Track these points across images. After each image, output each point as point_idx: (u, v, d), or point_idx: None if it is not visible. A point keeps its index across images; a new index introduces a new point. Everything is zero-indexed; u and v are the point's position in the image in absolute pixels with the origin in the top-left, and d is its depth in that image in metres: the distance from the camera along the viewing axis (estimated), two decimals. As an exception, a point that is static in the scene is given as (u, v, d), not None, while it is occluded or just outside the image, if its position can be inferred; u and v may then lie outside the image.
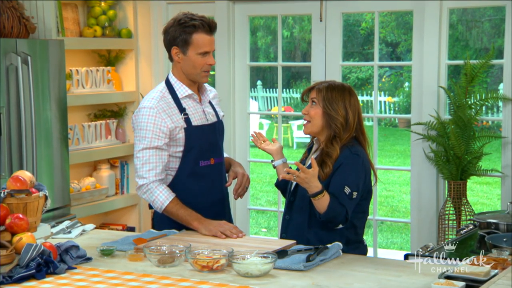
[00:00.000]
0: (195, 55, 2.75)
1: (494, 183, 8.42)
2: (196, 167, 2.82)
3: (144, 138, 2.74)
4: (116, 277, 2.21)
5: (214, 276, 2.21)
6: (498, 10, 7.08)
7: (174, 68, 2.84)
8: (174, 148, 2.79)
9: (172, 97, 2.80)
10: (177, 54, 2.78)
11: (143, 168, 2.75)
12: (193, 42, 2.75)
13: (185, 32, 2.74)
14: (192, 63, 2.77)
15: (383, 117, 13.79)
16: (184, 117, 2.78)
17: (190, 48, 2.75)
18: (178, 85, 2.81)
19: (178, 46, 2.76)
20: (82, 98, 4.52)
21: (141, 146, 2.75)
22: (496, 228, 2.82)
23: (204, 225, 2.70)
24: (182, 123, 2.77)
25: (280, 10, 4.59)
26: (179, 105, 2.79)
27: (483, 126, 8.50)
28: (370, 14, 11.39)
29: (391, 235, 6.92)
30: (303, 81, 13.54)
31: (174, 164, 2.82)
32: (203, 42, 2.75)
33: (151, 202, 2.78)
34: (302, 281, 2.17)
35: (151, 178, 2.75)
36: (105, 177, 4.77)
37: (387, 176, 9.44)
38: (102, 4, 4.76)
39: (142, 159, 2.75)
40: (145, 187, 2.76)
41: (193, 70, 2.78)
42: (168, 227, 2.81)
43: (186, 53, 2.76)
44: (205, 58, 2.77)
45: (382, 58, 11.91)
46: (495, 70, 8.70)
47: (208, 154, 2.84)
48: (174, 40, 2.77)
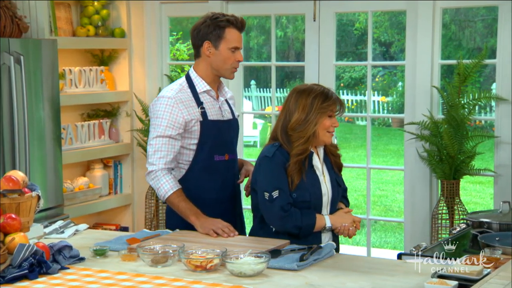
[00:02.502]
0: (226, 49, 2.82)
1: (487, 183, 8.44)
2: (210, 161, 2.85)
3: (159, 126, 2.80)
4: (109, 277, 2.20)
5: (207, 275, 2.21)
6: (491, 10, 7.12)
7: (198, 64, 2.89)
8: (189, 140, 2.83)
9: (191, 91, 2.85)
10: (209, 48, 2.83)
11: (155, 156, 2.80)
12: (225, 37, 2.81)
13: (219, 27, 2.81)
14: (223, 58, 2.83)
15: (377, 117, 13.81)
16: (201, 110, 2.83)
17: (223, 43, 2.81)
18: (198, 80, 2.87)
19: (210, 40, 2.82)
20: (75, 98, 4.51)
21: (155, 133, 2.81)
22: (488, 227, 2.82)
23: (200, 222, 2.72)
24: (199, 116, 2.82)
25: (274, 10, 4.59)
26: (197, 99, 2.85)
27: (476, 126, 8.53)
28: (364, 14, 11.41)
29: (384, 235, 6.93)
30: (297, 81, 13.55)
31: (188, 157, 2.85)
32: (234, 37, 2.83)
33: (156, 189, 2.82)
34: (295, 281, 2.17)
35: (160, 166, 2.79)
36: (99, 177, 4.76)
37: (381, 175, 9.46)
38: (95, 4, 4.75)
39: (154, 147, 2.80)
40: (153, 174, 2.80)
41: (223, 65, 2.84)
42: (179, 225, 2.81)
43: (218, 47, 2.82)
44: (235, 54, 2.84)
45: (375, 58, 11.93)
46: (488, 70, 8.73)
47: (222, 150, 2.88)
48: (207, 35, 2.82)
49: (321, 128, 2.64)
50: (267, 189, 2.62)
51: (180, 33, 7.65)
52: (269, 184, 2.62)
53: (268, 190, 2.62)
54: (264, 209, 2.65)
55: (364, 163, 4.54)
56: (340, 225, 2.68)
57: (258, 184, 2.67)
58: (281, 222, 2.62)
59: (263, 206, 2.65)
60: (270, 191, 2.61)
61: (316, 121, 2.63)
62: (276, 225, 2.65)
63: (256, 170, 2.71)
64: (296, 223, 2.61)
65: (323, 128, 2.65)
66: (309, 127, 2.62)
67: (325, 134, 2.66)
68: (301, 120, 2.63)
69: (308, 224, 2.62)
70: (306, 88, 2.69)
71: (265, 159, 2.66)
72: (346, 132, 12.15)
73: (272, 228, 2.67)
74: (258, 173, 2.69)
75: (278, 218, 2.62)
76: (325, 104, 2.64)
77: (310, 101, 2.63)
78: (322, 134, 2.65)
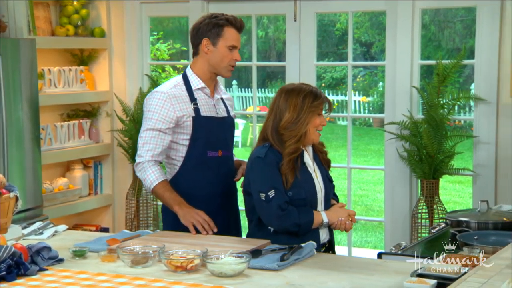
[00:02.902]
0: (224, 47, 2.87)
1: (466, 182, 8.52)
2: (203, 156, 2.88)
3: (150, 120, 2.85)
4: (88, 278, 2.19)
5: (188, 276, 2.20)
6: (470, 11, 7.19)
7: (196, 62, 2.94)
8: (182, 136, 2.87)
9: (186, 88, 2.90)
10: (207, 45, 2.89)
11: (143, 148, 2.84)
12: (224, 35, 2.87)
13: (218, 25, 2.87)
14: (220, 56, 2.88)
15: (358, 117, 13.89)
16: (194, 106, 2.88)
17: (221, 40, 2.87)
18: (193, 78, 2.92)
19: (209, 38, 2.88)
20: (54, 98, 4.48)
21: (145, 127, 2.86)
22: (467, 226, 2.85)
23: (182, 212, 2.75)
24: (191, 111, 2.87)
25: (254, 10, 4.60)
26: (191, 95, 2.89)
27: (455, 126, 8.61)
28: (344, 15, 11.46)
29: (365, 234, 6.97)
30: (278, 81, 13.57)
31: (181, 152, 2.89)
32: (233, 36, 2.89)
33: (143, 180, 2.86)
34: (276, 281, 2.18)
35: (148, 157, 2.83)
36: (78, 178, 4.74)
37: (362, 175, 9.51)
38: (75, 3, 4.71)
39: (144, 139, 2.85)
40: (141, 165, 2.84)
41: (221, 62, 2.89)
42: (175, 227, 2.83)
43: (216, 44, 2.87)
44: (233, 53, 2.89)
45: (356, 58, 11.99)
46: (466, 70, 8.82)
47: (216, 146, 2.91)
48: (206, 33, 2.88)
49: (311, 126, 2.68)
50: (262, 190, 2.62)
51: (160, 33, 7.63)
52: (264, 184, 2.63)
53: (263, 190, 2.62)
54: (261, 210, 2.65)
55: (345, 163, 4.56)
56: (337, 220, 2.71)
57: (252, 185, 2.67)
58: (280, 221, 2.62)
59: (259, 207, 2.65)
60: (266, 191, 2.62)
61: (308, 120, 2.66)
62: (275, 225, 2.65)
63: (249, 172, 2.71)
64: (295, 221, 2.62)
65: (314, 127, 2.69)
66: (301, 126, 2.65)
67: (314, 132, 2.70)
68: (293, 119, 2.65)
69: (306, 221, 2.64)
70: (295, 87, 2.72)
71: (257, 160, 2.67)
72: (327, 132, 12.19)
73: (270, 229, 2.67)
74: (251, 174, 2.69)
75: (276, 218, 2.62)
76: (315, 103, 2.67)
77: (300, 100, 2.66)
78: (312, 132, 2.69)
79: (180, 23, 8.58)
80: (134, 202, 4.76)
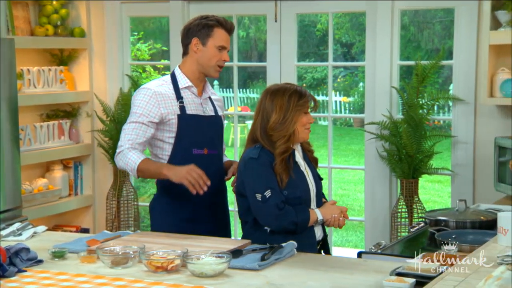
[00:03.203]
0: (214, 47, 2.91)
1: (445, 181, 8.60)
2: (188, 154, 2.90)
3: (134, 114, 2.87)
4: (68, 279, 2.18)
5: (168, 276, 2.20)
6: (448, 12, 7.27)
7: (185, 61, 2.97)
8: (167, 134, 2.89)
9: (173, 86, 2.93)
10: (197, 45, 2.92)
11: (124, 138, 2.85)
12: (214, 35, 2.91)
13: (208, 25, 2.91)
14: (209, 55, 2.91)
15: (338, 117, 13.94)
16: (179, 104, 2.90)
17: (210, 40, 2.91)
18: (181, 77, 2.95)
19: (199, 37, 2.91)
20: (34, 98, 4.45)
21: (129, 120, 2.88)
22: (445, 225, 2.88)
23: (173, 171, 2.74)
24: (177, 109, 2.89)
25: (235, 10, 4.60)
26: (178, 94, 2.92)
27: (435, 126, 8.69)
28: (325, 16, 11.51)
29: (346, 234, 7.01)
30: (260, 81, 13.59)
31: (167, 151, 2.91)
32: (222, 37, 2.92)
33: (125, 166, 2.82)
34: (256, 280, 2.18)
35: (127, 145, 2.83)
36: (58, 178, 4.71)
37: (343, 175, 9.56)
38: (54, 3, 4.68)
39: (125, 131, 2.87)
40: (121, 154, 2.83)
41: (209, 62, 2.92)
42: (164, 224, 2.86)
43: (205, 44, 2.91)
44: (221, 53, 2.92)
45: (337, 59, 12.04)
46: (446, 71, 8.90)
47: (201, 144, 2.93)
48: (196, 32, 2.92)
49: (299, 125, 2.70)
50: (258, 190, 2.63)
51: (141, 33, 7.60)
52: (260, 185, 2.63)
53: (259, 191, 2.63)
54: (257, 210, 2.65)
55: (326, 163, 4.58)
56: (330, 217, 2.73)
57: (247, 187, 2.67)
58: (278, 221, 2.63)
59: (256, 208, 2.65)
60: (262, 192, 2.62)
61: (295, 119, 2.68)
62: (273, 225, 2.65)
63: (242, 174, 2.71)
64: (292, 219, 2.64)
65: (301, 125, 2.71)
66: (289, 126, 2.67)
67: (303, 131, 2.72)
68: (280, 120, 2.67)
69: (303, 219, 2.66)
70: (280, 87, 2.75)
71: (251, 161, 2.67)
72: (308, 132, 12.23)
73: (267, 230, 2.68)
74: (245, 176, 2.69)
75: (274, 217, 2.63)
76: (301, 101, 2.70)
77: (286, 100, 2.68)
78: (301, 131, 2.71)
79: (161, 23, 8.55)
80: (114, 203, 4.74)
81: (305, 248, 2.60)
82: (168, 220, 2.89)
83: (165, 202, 2.94)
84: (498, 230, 2.22)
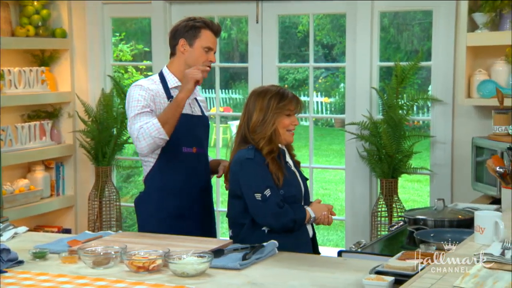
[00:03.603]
0: (200, 48, 2.95)
1: (424, 181, 8.68)
2: (178, 152, 2.93)
3: (136, 107, 2.87)
4: (49, 279, 2.17)
5: (150, 276, 2.21)
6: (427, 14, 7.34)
7: (173, 62, 3.01)
8: None
9: (163, 86, 2.96)
10: (184, 46, 2.96)
11: (135, 126, 2.83)
12: (201, 36, 2.95)
13: (195, 27, 2.96)
14: (196, 55, 2.95)
15: (320, 117, 13.99)
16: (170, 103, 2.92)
17: (197, 41, 2.95)
18: (170, 77, 2.99)
19: (186, 38, 2.96)
20: (15, 99, 4.43)
21: (135, 112, 2.86)
22: (424, 224, 2.91)
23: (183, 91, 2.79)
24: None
25: (217, 11, 4.62)
26: (168, 93, 2.95)
27: (414, 126, 8.75)
28: (306, 17, 11.54)
29: (327, 233, 7.05)
30: (242, 82, 13.60)
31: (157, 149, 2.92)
32: (209, 38, 2.97)
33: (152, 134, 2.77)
34: (237, 280, 2.20)
35: (138, 127, 2.82)
36: (40, 179, 4.69)
37: (324, 175, 9.60)
38: (35, 3, 4.67)
39: (134, 121, 2.84)
40: (139, 137, 2.78)
41: (196, 62, 2.95)
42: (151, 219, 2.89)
43: (192, 45, 2.95)
44: (208, 54, 2.96)
45: (318, 60, 12.09)
46: (425, 72, 8.98)
47: (190, 143, 2.97)
48: (183, 34, 2.97)
49: (280, 127, 2.72)
50: (258, 190, 2.64)
51: (123, 34, 7.57)
52: (259, 185, 2.65)
53: (259, 190, 2.64)
54: (257, 210, 2.65)
55: (307, 163, 4.62)
56: (320, 214, 2.76)
57: (244, 188, 2.67)
58: (278, 219, 2.65)
59: (255, 208, 2.65)
60: (262, 191, 2.64)
61: (274, 121, 2.70)
62: (273, 224, 2.66)
63: (237, 175, 2.70)
64: (291, 217, 2.66)
65: (283, 127, 2.73)
66: (267, 127, 2.70)
67: (285, 132, 2.74)
68: (259, 121, 2.70)
69: (300, 217, 2.69)
70: (263, 89, 2.78)
71: (248, 162, 2.68)
72: (290, 133, 12.26)
73: (265, 230, 2.69)
74: (242, 177, 2.68)
75: (275, 216, 2.64)
76: (281, 104, 2.72)
77: (266, 102, 2.71)
78: (283, 133, 2.73)
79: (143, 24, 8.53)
80: (96, 203, 4.73)
81: (301, 246, 2.66)
82: (155, 217, 2.92)
83: (152, 199, 2.96)
84: (475, 229, 2.25)
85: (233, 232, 2.77)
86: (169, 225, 2.86)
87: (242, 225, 2.73)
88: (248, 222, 2.71)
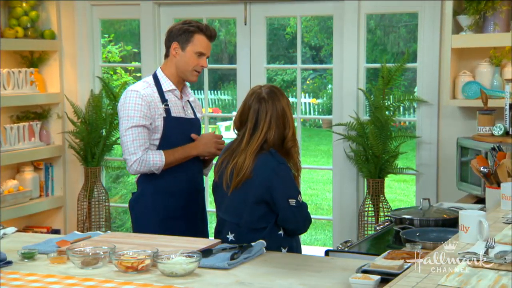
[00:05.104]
0: (192, 53, 2.96)
1: (410, 181, 8.74)
2: None
3: (132, 118, 2.90)
4: (37, 280, 2.16)
5: (138, 276, 2.21)
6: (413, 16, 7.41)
7: (166, 64, 3.03)
8: (153, 136, 2.96)
9: (157, 89, 2.98)
10: (176, 49, 2.97)
11: (134, 144, 2.90)
12: (193, 41, 2.96)
13: (188, 31, 2.96)
14: (187, 60, 2.97)
15: (308, 118, 14.03)
16: (165, 107, 2.96)
17: (189, 46, 2.96)
18: (164, 80, 3.00)
19: (179, 42, 2.96)
20: (4, 100, 4.42)
21: (129, 124, 2.90)
22: (410, 223, 2.94)
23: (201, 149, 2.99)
24: (162, 112, 2.95)
25: (206, 13, 4.64)
26: (162, 96, 2.97)
27: (401, 127, 8.81)
28: (294, 19, 11.58)
29: (315, 232, 7.09)
30: (230, 83, 13.62)
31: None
32: (202, 43, 2.97)
33: (151, 168, 2.91)
34: (226, 279, 2.21)
35: (140, 152, 2.90)
36: (29, 180, 4.69)
37: (312, 175, 9.64)
38: (24, 5, 4.66)
39: (132, 136, 2.90)
40: (139, 160, 2.90)
41: (186, 66, 2.97)
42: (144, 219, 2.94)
43: (184, 49, 2.96)
44: (200, 59, 2.97)
45: (306, 61, 12.13)
46: (411, 73, 9.04)
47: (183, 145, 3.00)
48: (176, 37, 2.97)
49: None
50: (293, 195, 2.65)
51: (112, 35, 7.57)
52: (294, 190, 2.67)
53: (294, 196, 2.66)
54: (291, 215, 2.65)
55: (295, 164, 4.63)
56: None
57: (278, 192, 2.63)
58: (307, 224, 2.72)
59: (290, 213, 2.65)
60: (296, 196, 2.66)
61: None
62: (302, 229, 2.72)
63: (272, 180, 2.63)
64: (310, 220, 2.74)
65: None
66: None
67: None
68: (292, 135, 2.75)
69: (311, 219, 2.77)
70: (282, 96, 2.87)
71: (282, 167, 2.66)
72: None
73: (281, 234, 2.70)
74: (276, 182, 2.63)
75: (307, 220, 2.71)
76: None
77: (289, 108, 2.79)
78: None
79: (132, 25, 8.53)
80: (85, 204, 4.74)
81: (299, 246, 2.77)
82: (151, 218, 2.94)
83: (147, 200, 2.98)
84: (459, 228, 2.27)
85: (237, 236, 2.72)
86: (164, 226, 2.89)
87: (261, 230, 2.69)
88: (271, 226, 2.69)
